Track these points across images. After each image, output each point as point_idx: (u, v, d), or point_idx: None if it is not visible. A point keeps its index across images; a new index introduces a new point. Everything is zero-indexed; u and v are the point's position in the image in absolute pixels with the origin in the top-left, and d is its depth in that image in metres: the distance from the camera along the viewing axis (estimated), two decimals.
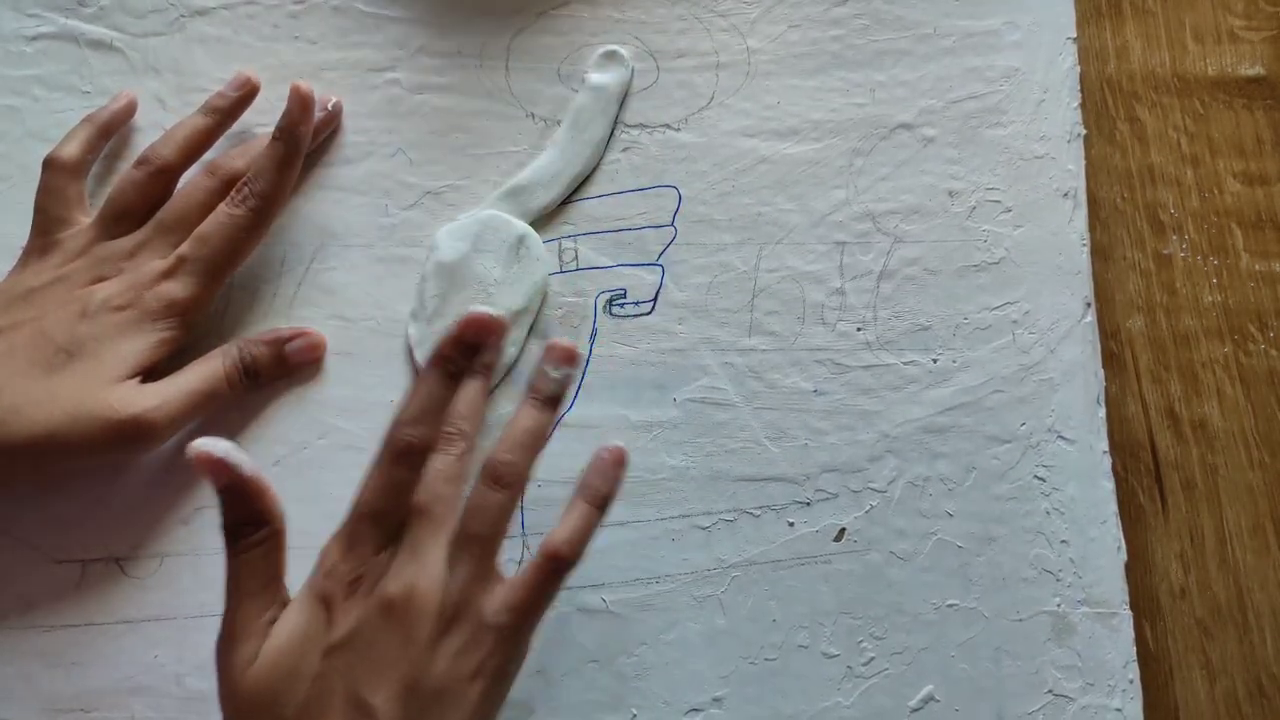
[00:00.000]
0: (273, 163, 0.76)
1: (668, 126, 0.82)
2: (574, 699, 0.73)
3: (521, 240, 0.79)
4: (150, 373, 0.73)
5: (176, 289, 0.74)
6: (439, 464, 0.66)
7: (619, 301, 0.79)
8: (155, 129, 0.80)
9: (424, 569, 0.63)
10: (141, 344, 0.73)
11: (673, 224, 0.80)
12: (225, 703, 0.64)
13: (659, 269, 0.80)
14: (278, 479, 0.74)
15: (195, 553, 0.75)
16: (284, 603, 0.65)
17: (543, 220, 0.80)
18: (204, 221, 0.75)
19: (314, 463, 0.76)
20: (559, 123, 0.82)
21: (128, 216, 0.76)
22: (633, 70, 0.83)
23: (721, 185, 0.81)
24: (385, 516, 0.66)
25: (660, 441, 0.77)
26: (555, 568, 0.64)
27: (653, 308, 0.79)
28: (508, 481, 0.65)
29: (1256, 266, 0.84)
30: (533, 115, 0.82)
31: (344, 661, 0.61)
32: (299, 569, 0.65)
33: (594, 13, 0.84)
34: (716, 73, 0.83)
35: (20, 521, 0.75)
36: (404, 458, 0.66)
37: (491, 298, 0.77)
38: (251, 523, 0.64)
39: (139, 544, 0.75)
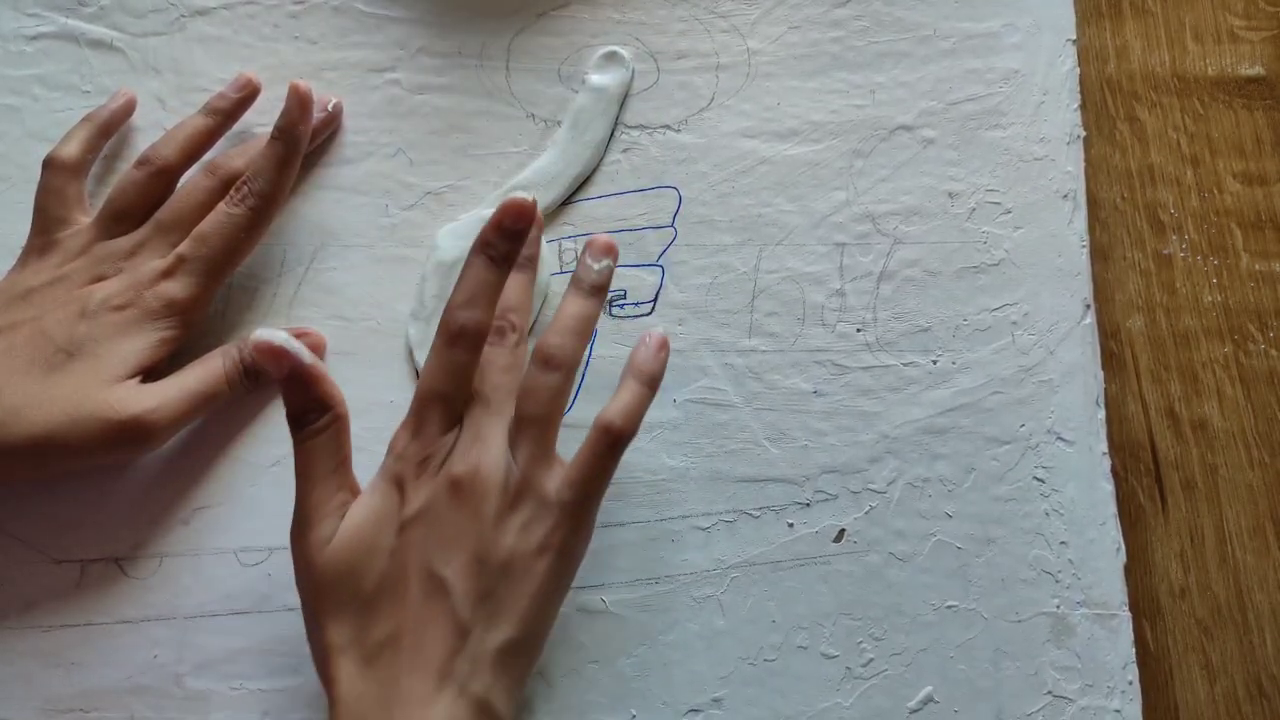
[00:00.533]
0: (271, 162, 0.76)
1: (668, 127, 0.82)
2: (573, 699, 0.73)
3: None
4: (150, 373, 0.73)
5: (176, 288, 0.74)
6: (493, 355, 0.69)
7: (619, 302, 0.79)
8: (155, 129, 0.80)
9: (487, 450, 0.66)
10: (141, 344, 0.73)
11: (673, 225, 0.80)
12: (305, 582, 0.65)
13: (659, 270, 0.80)
14: (278, 479, 0.75)
15: (195, 553, 0.75)
16: (353, 487, 0.68)
17: (543, 221, 0.80)
18: (203, 221, 0.75)
19: None
20: (559, 123, 0.82)
21: (128, 216, 0.76)
22: (633, 71, 0.83)
23: (721, 186, 0.81)
24: (447, 399, 0.68)
25: (660, 442, 0.77)
26: (612, 442, 0.66)
27: (653, 308, 0.79)
28: (558, 363, 0.67)
29: (1256, 266, 0.84)
30: (533, 116, 0.82)
31: (418, 535, 0.64)
32: None
33: (594, 14, 0.84)
34: (717, 74, 0.83)
35: (20, 521, 0.75)
36: (459, 340, 0.67)
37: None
38: (314, 409, 0.66)
39: (139, 544, 0.75)
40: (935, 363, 0.78)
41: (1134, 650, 0.75)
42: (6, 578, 0.74)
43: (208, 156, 0.79)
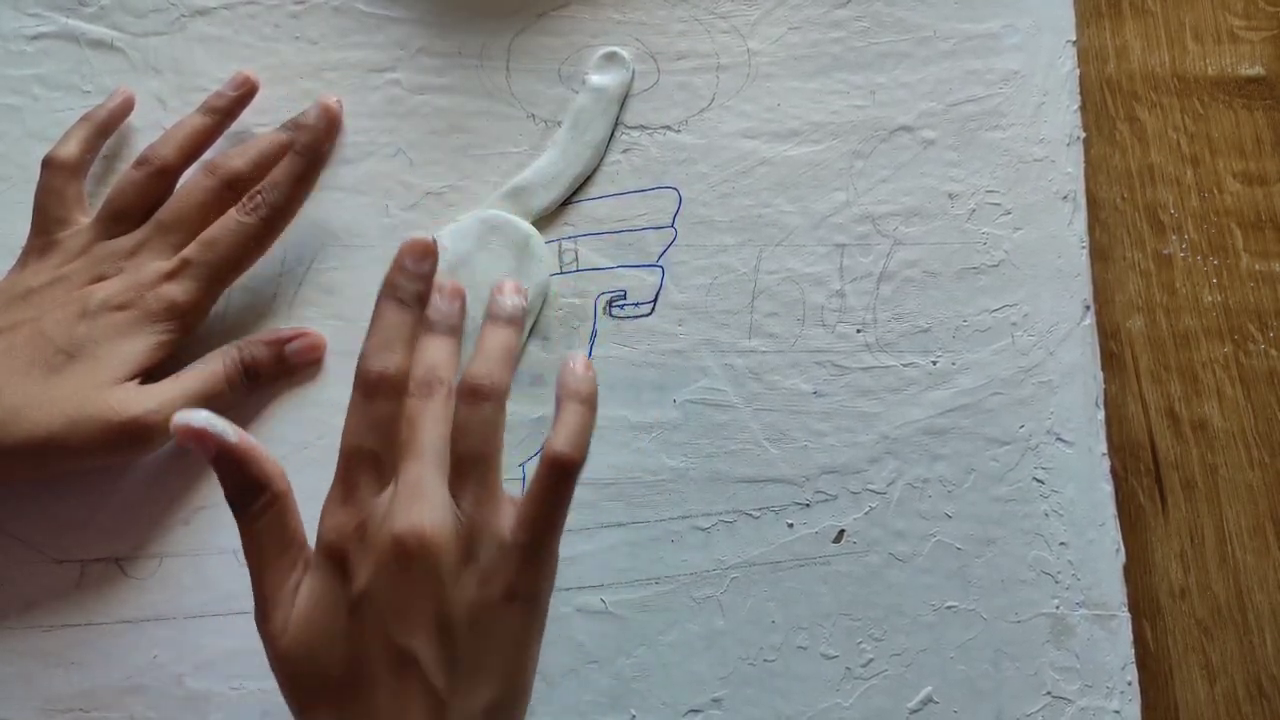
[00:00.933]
0: (290, 177, 0.76)
1: (668, 128, 0.82)
2: (573, 700, 0.73)
3: (527, 240, 0.79)
4: (149, 374, 0.73)
5: (178, 291, 0.74)
6: (423, 408, 0.66)
7: (619, 303, 0.79)
8: (155, 129, 0.80)
9: (428, 503, 0.62)
10: (141, 345, 0.73)
11: (673, 225, 0.80)
12: (275, 671, 0.63)
13: (659, 270, 0.80)
14: None
15: (195, 553, 0.75)
16: (308, 562, 0.64)
17: (543, 221, 0.80)
18: (212, 226, 0.75)
19: (314, 463, 0.76)
20: (559, 124, 0.82)
21: (127, 216, 0.76)
22: (633, 72, 0.83)
23: (722, 187, 0.81)
24: (374, 456, 0.64)
25: (660, 443, 0.77)
26: (563, 472, 0.62)
27: (653, 309, 0.79)
28: (487, 392, 0.64)
29: (1256, 266, 0.84)
30: (533, 116, 0.82)
31: (372, 613, 0.60)
32: None
33: (595, 14, 0.84)
34: (717, 74, 0.83)
35: (20, 521, 0.75)
36: (379, 389, 0.64)
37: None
38: (249, 490, 0.62)
39: (139, 544, 0.75)
40: (935, 364, 0.78)
41: (1133, 651, 0.75)
42: (6, 578, 0.74)
43: (207, 156, 0.79)
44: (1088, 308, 0.79)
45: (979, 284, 0.79)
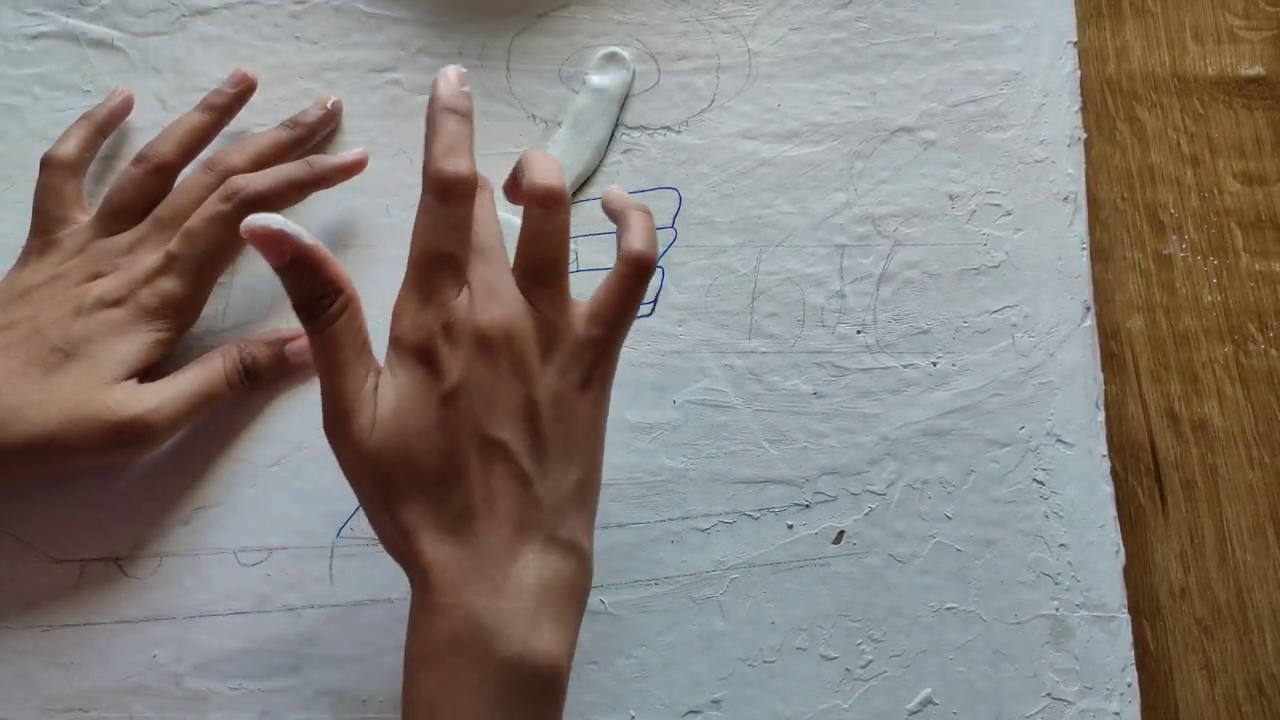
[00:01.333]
0: (282, 175, 0.76)
1: (668, 128, 0.82)
2: (572, 700, 0.72)
3: None
4: (147, 373, 0.73)
5: (169, 286, 0.73)
6: (479, 209, 0.67)
7: None
8: (155, 128, 0.80)
9: (508, 303, 0.63)
10: (138, 344, 0.73)
11: (673, 226, 0.80)
12: (360, 473, 0.63)
13: (659, 271, 0.80)
14: (278, 479, 0.75)
15: (195, 553, 0.75)
16: (378, 369, 0.65)
17: None
18: (191, 217, 0.75)
19: (314, 463, 0.76)
20: (560, 124, 0.82)
21: (126, 214, 0.76)
22: (634, 72, 0.83)
23: (722, 187, 0.81)
24: (451, 258, 0.64)
25: (660, 443, 0.77)
26: (642, 271, 0.65)
27: (653, 309, 0.79)
28: (556, 198, 0.64)
29: (1256, 266, 0.84)
30: (533, 116, 0.82)
31: (464, 404, 0.62)
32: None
33: (595, 14, 0.84)
34: (717, 75, 0.83)
35: (20, 521, 0.75)
36: (453, 191, 0.64)
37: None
38: (324, 295, 0.63)
39: (139, 544, 0.75)
40: (935, 365, 0.78)
41: (1133, 653, 0.75)
42: (6, 578, 0.74)
43: (205, 153, 0.79)
44: (1088, 309, 0.79)
45: (979, 285, 0.79)
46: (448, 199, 0.64)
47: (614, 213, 0.68)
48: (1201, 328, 0.83)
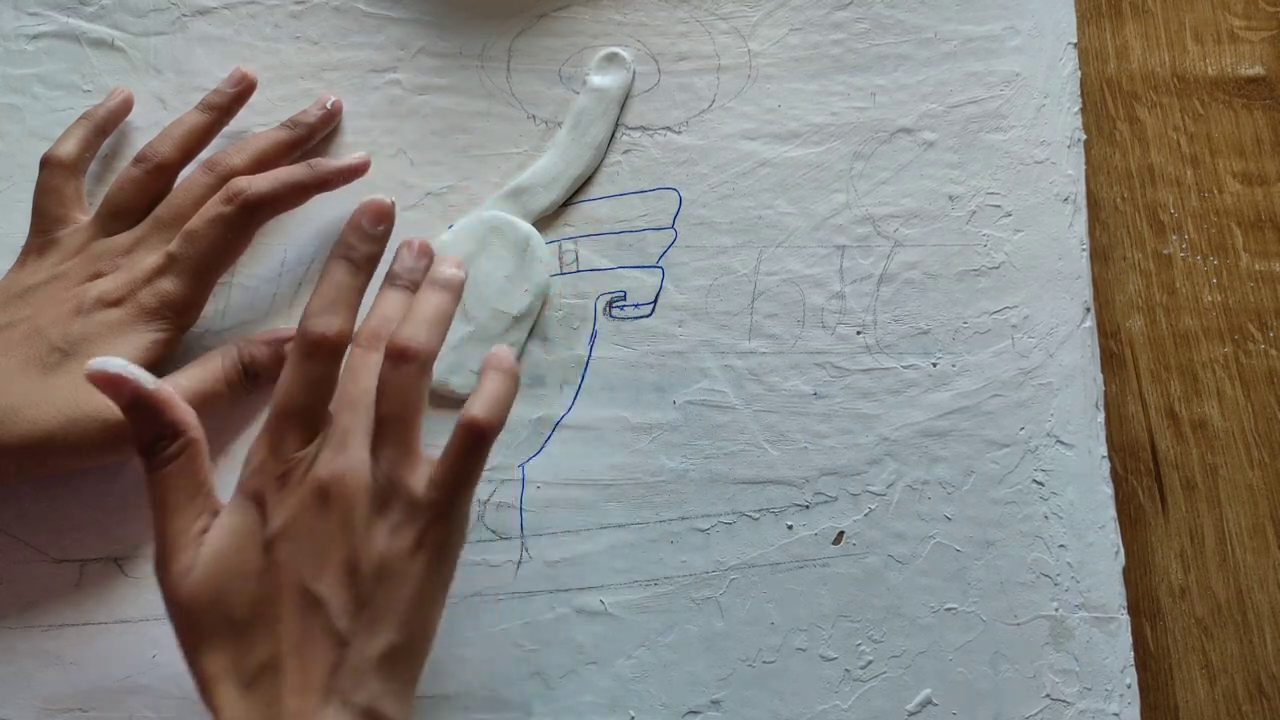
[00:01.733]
0: (285, 176, 0.76)
1: (669, 129, 0.82)
2: (572, 700, 0.73)
3: (527, 241, 0.79)
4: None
5: (168, 286, 0.73)
6: (365, 359, 0.67)
7: (619, 304, 0.79)
8: (155, 128, 0.80)
9: (350, 456, 0.63)
10: (137, 343, 0.72)
11: (673, 226, 0.80)
12: (173, 614, 0.64)
13: (659, 271, 0.80)
14: None
15: None
16: (215, 510, 0.65)
17: (543, 222, 0.80)
18: (193, 218, 0.75)
19: None
20: (560, 124, 0.82)
21: (126, 214, 0.76)
22: (634, 72, 0.83)
23: (722, 188, 0.81)
24: (304, 413, 0.65)
25: (659, 444, 0.77)
26: (477, 438, 0.63)
27: (653, 310, 0.79)
28: (413, 354, 0.64)
29: (1256, 266, 0.84)
30: (534, 117, 0.82)
31: (286, 552, 0.62)
32: None
33: (595, 15, 0.84)
34: (718, 75, 0.83)
35: (20, 521, 0.75)
36: (317, 350, 0.66)
37: (495, 299, 0.78)
38: (164, 436, 0.63)
39: (139, 544, 0.75)
40: (935, 365, 0.78)
41: (1133, 654, 0.75)
42: (6, 578, 0.74)
43: (206, 153, 0.79)
44: (1088, 310, 0.79)
45: (979, 286, 0.79)
46: (311, 356, 0.66)
47: (480, 370, 0.67)
48: (1201, 328, 0.83)
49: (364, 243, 0.68)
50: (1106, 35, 0.88)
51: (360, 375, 0.66)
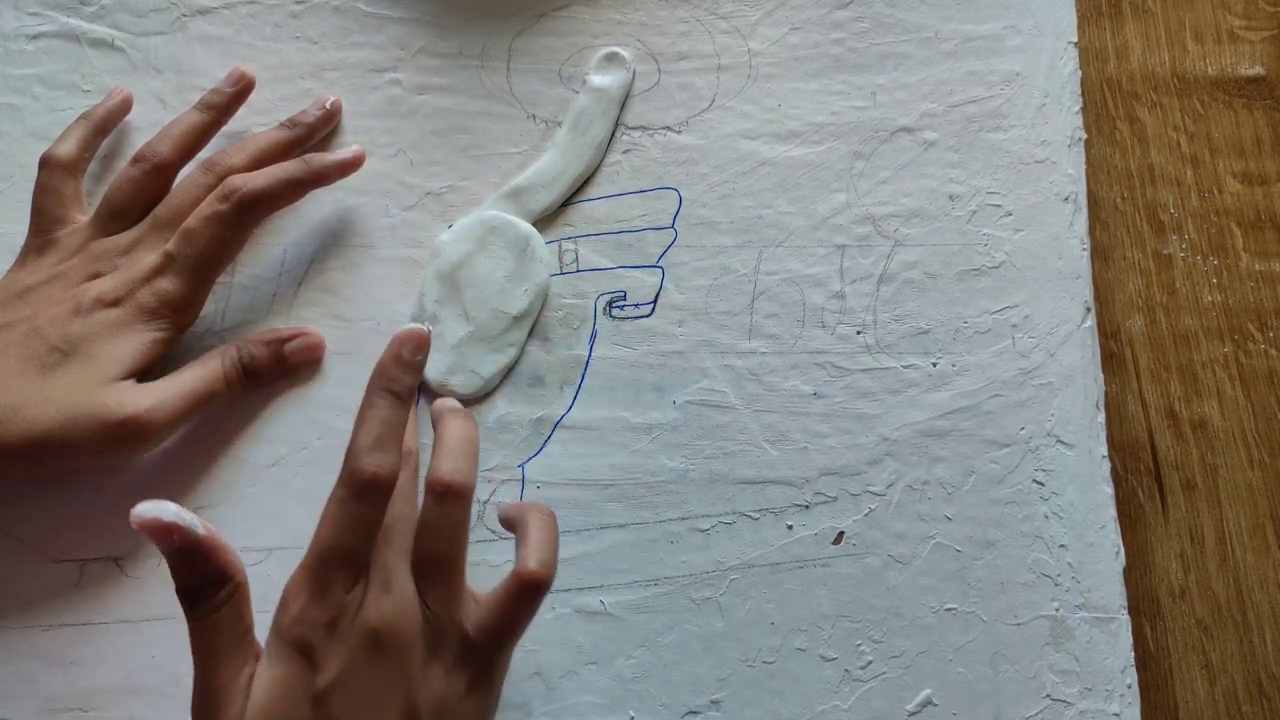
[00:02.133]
0: (280, 173, 0.76)
1: (669, 128, 0.82)
2: (571, 701, 0.73)
3: (527, 241, 0.79)
4: (146, 372, 0.73)
5: (167, 286, 0.73)
6: (397, 488, 0.66)
7: (619, 303, 0.79)
8: (155, 128, 0.80)
9: (400, 596, 0.62)
10: (136, 343, 0.72)
11: (673, 226, 0.80)
12: None
13: (659, 271, 0.80)
14: (278, 479, 0.75)
15: None
16: (258, 655, 0.63)
17: (543, 222, 0.80)
18: (190, 216, 0.75)
19: (314, 463, 0.76)
20: (560, 124, 0.82)
21: (125, 214, 0.76)
22: (634, 72, 0.83)
23: (722, 188, 0.81)
24: (353, 556, 0.63)
25: (659, 444, 0.77)
26: (534, 592, 0.62)
27: (653, 310, 0.79)
28: (458, 491, 0.63)
29: (1256, 266, 0.84)
30: (534, 116, 0.82)
31: (339, 705, 0.60)
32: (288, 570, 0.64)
33: (595, 14, 0.84)
34: (718, 75, 0.83)
35: (20, 521, 0.75)
36: (369, 490, 0.63)
37: (495, 299, 0.78)
38: (212, 583, 0.61)
39: (138, 543, 0.75)
40: (935, 365, 0.78)
41: (1133, 654, 0.75)
42: (6, 578, 0.74)
43: (204, 153, 0.79)
44: (1088, 310, 0.79)
45: (979, 286, 0.79)
46: (362, 497, 0.63)
47: (510, 521, 0.67)
48: (1201, 328, 0.83)
49: (405, 374, 0.66)
50: (1107, 35, 0.88)
51: (382, 518, 0.64)
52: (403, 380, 0.65)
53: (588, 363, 0.78)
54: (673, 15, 0.84)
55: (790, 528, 0.76)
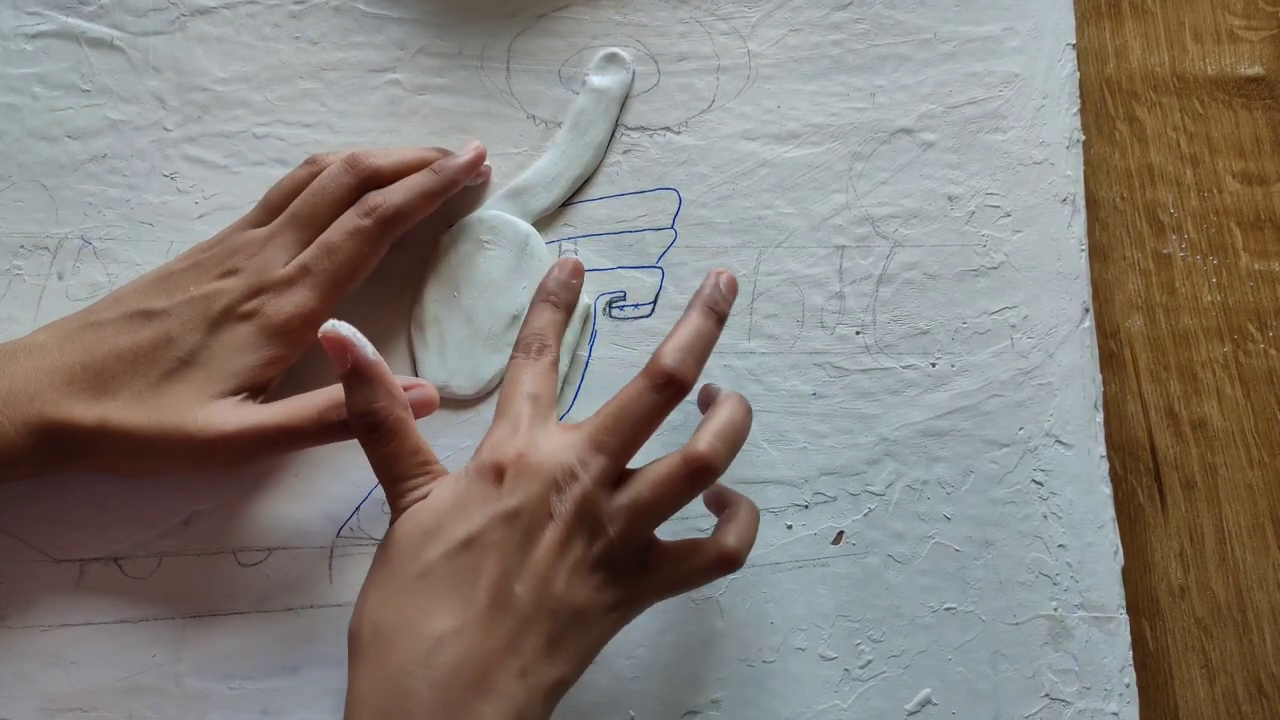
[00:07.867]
0: (416, 187, 0.76)
1: (668, 129, 0.82)
2: (571, 700, 0.72)
3: (527, 241, 0.79)
4: (261, 389, 0.73)
5: (297, 301, 0.73)
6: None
7: (619, 304, 0.79)
8: (154, 128, 0.80)
9: (591, 487, 0.64)
10: (254, 359, 0.72)
11: (673, 227, 0.80)
12: (387, 541, 0.65)
13: (659, 271, 0.80)
14: (277, 481, 0.75)
15: (195, 553, 0.75)
16: (438, 475, 0.67)
17: (543, 222, 0.80)
18: (330, 229, 0.74)
19: (314, 463, 0.76)
20: (560, 125, 0.82)
21: (277, 212, 0.76)
22: (634, 73, 0.83)
23: (721, 188, 0.81)
24: (535, 397, 0.68)
25: (659, 444, 0.76)
26: (728, 568, 0.66)
27: (652, 310, 0.79)
28: (710, 469, 0.65)
29: (1256, 266, 0.84)
30: (533, 117, 0.82)
31: (506, 534, 0.62)
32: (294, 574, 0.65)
33: (595, 15, 0.84)
34: (717, 76, 0.83)
35: (20, 521, 0.75)
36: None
37: (495, 299, 0.78)
38: (375, 411, 0.65)
39: (139, 544, 0.75)
40: (934, 365, 0.78)
41: (1132, 653, 0.75)
42: (6, 577, 0.74)
43: (352, 150, 0.78)
44: (1087, 310, 0.79)
45: (978, 286, 0.79)
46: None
47: (721, 498, 0.71)
48: (1201, 327, 0.83)
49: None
50: (1106, 35, 0.88)
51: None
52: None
53: (588, 363, 0.78)
54: (672, 16, 0.84)
55: (790, 527, 0.76)
